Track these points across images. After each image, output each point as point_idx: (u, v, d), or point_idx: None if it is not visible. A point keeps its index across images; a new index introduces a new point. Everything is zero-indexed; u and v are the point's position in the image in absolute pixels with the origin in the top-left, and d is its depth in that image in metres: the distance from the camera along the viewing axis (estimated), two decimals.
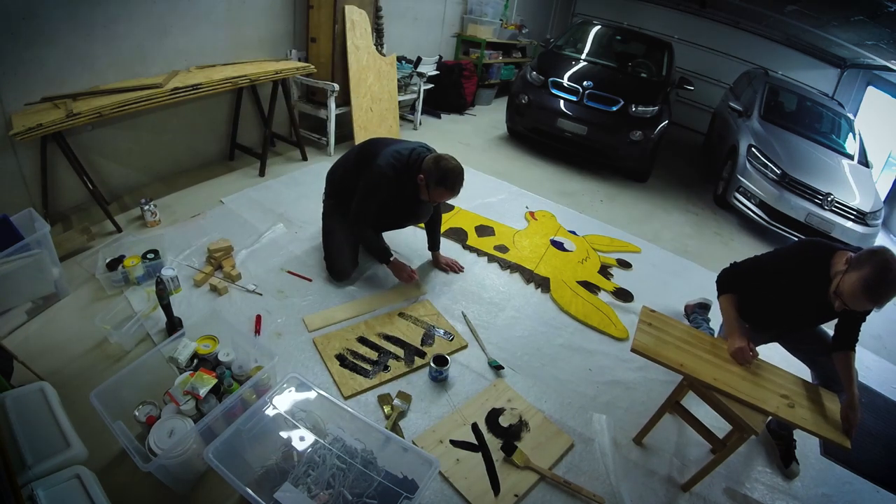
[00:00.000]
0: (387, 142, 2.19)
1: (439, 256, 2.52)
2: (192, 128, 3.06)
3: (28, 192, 2.31)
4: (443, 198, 2.06)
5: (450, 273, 2.51)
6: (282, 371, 1.71)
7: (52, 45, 2.17)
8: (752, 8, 5.48)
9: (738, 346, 1.59)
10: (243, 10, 3.04)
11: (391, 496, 1.24)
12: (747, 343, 1.60)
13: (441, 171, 1.96)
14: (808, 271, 1.61)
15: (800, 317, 1.76)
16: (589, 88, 4.11)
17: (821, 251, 1.62)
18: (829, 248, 1.61)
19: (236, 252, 2.35)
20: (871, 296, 1.38)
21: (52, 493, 1.08)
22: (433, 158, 2.01)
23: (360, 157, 2.19)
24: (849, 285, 1.42)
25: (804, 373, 1.79)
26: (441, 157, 2.01)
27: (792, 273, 1.65)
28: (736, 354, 1.59)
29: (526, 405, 1.81)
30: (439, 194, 2.03)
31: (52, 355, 1.70)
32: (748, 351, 1.58)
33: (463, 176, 2.02)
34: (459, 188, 2.03)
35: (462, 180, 2.02)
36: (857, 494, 1.79)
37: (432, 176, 1.97)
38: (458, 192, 2.04)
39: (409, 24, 4.75)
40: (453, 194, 2.04)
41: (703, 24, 6.92)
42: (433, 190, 2.01)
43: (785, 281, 1.67)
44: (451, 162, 1.99)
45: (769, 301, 1.75)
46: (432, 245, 2.50)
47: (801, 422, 1.40)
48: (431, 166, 1.98)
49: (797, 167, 3.70)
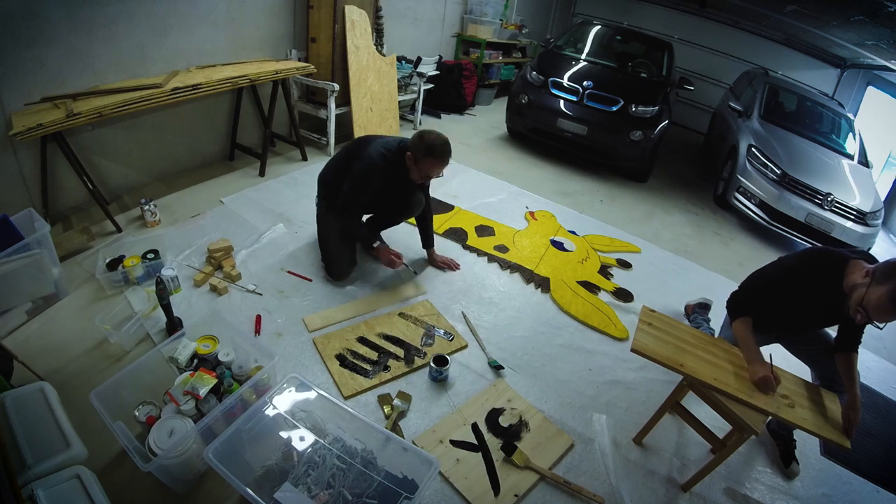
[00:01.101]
0: (375, 137, 2.22)
1: (434, 254, 2.52)
2: (192, 128, 3.06)
3: (28, 192, 2.31)
4: (433, 171, 2.06)
5: (447, 271, 2.51)
6: (282, 371, 1.71)
7: (53, 45, 2.17)
8: (752, 8, 5.47)
9: (763, 375, 1.52)
10: (243, 10, 3.04)
11: (391, 496, 1.24)
12: (770, 370, 1.54)
13: (427, 143, 1.99)
14: (818, 281, 1.58)
15: (805, 322, 1.75)
16: (589, 88, 4.11)
17: (830, 259, 1.59)
18: (841, 256, 1.58)
19: (236, 252, 2.35)
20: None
21: (52, 493, 1.08)
22: (417, 134, 2.04)
23: (351, 154, 2.20)
24: (876, 299, 1.38)
25: (804, 373, 1.79)
26: (424, 131, 2.05)
27: (800, 283, 1.62)
28: (760, 384, 1.52)
29: (526, 405, 1.81)
30: (428, 166, 2.03)
31: (52, 355, 1.70)
32: (772, 380, 1.51)
33: (449, 146, 2.04)
34: (448, 157, 2.05)
35: (449, 149, 2.04)
36: (857, 494, 1.79)
37: (419, 149, 2.00)
38: (447, 163, 2.06)
39: (409, 24, 4.76)
40: (443, 164, 2.05)
41: (703, 24, 6.92)
42: (421, 162, 2.01)
43: (793, 290, 1.64)
44: (435, 133, 2.03)
45: (774, 307, 1.71)
46: (426, 242, 2.49)
47: (802, 422, 1.40)
48: (417, 141, 2.02)
49: (797, 167, 3.70)
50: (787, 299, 1.66)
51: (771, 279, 1.71)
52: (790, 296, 1.65)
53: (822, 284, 1.57)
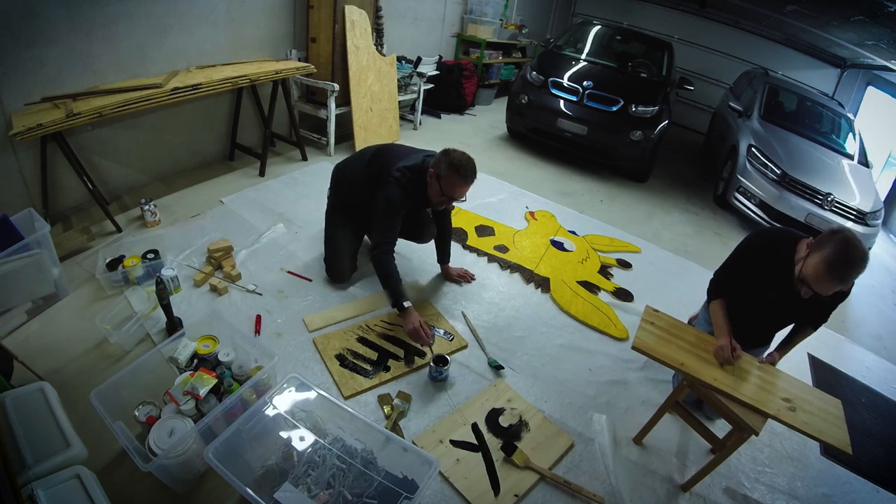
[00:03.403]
0: (395, 153, 2.10)
1: (449, 269, 2.46)
2: (192, 128, 3.06)
3: (28, 192, 2.31)
4: (455, 191, 1.91)
5: (462, 284, 2.46)
6: (282, 371, 1.71)
7: (53, 45, 2.17)
8: (752, 8, 5.47)
9: (720, 343, 1.57)
10: (243, 10, 3.04)
11: (391, 496, 1.24)
12: (730, 341, 1.58)
13: (451, 160, 1.87)
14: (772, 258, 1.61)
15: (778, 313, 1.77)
16: (589, 88, 4.10)
17: (779, 239, 1.63)
18: (790, 234, 1.62)
19: (236, 252, 2.35)
20: (835, 275, 1.37)
21: (52, 493, 1.08)
22: (442, 152, 1.93)
23: (369, 173, 2.09)
24: (812, 268, 1.41)
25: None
26: (449, 150, 1.93)
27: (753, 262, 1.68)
28: (717, 353, 1.57)
29: (526, 405, 1.81)
30: (451, 185, 1.89)
31: (52, 355, 1.70)
32: (729, 349, 1.56)
33: (475, 167, 1.91)
34: (472, 179, 1.91)
35: (475, 171, 1.91)
36: (857, 494, 1.79)
37: (442, 166, 1.88)
38: (471, 184, 1.92)
39: (409, 24, 4.76)
40: (466, 184, 1.90)
41: (703, 24, 6.92)
42: (444, 180, 1.88)
43: (747, 270, 1.69)
44: (460, 152, 1.91)
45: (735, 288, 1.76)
46: (442, 258, 2.43)
47: (803, 426, 1.40)
48: (441, 158, 1.90)
49: (797, 167, 3.70)
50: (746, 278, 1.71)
51: (730, 261, 1.79)
52: (748, 274, 1.70)
53: (775, 261, 1.60)
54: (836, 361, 2.52)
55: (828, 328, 1.80)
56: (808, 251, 1.47)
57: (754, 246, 1.72)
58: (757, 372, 1.57)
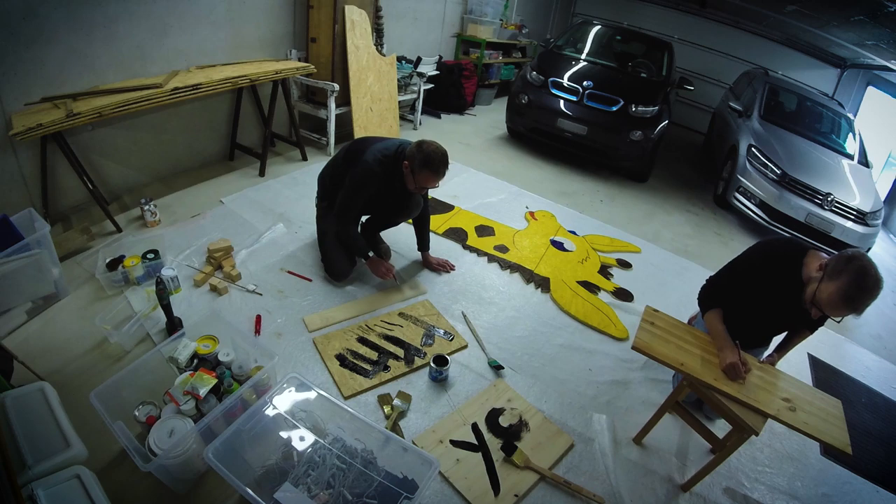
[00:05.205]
0: (374, 140, 2.20)
1: (429, 257, 2.50)
2: (192, 128, 3.06)
3: (28, 192, 2.31)
4: (428, 182, 2.04)
5: (442, 273, 2.50)
6: (282, 371, 1.72)
7: (52, 45, 2.17)
8: (752, 8, 5.48)
9: (731, 361, 1.52)
10: (243, 10, 3.04)
11: (391, 496, 1.24)
12: (739, 358, 1.54)
13: (424, 155, 1.98)
14: (778, 270, 1.60)
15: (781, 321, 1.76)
16: (589, 88, 4.11)
17: (788, 249, 1.62)
18: (798, 246, 1.61)
19: (236, 252, 2.35)
20: (851, 305, 1.37)
21: (52, 493, 1.08)
22: (416, 144, 2.03)
23: (349, 156, 2.19)
24: (827, 296, 1.40)
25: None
26: (423, 141, 2.03)
27: (760, 272, 1.65)
28: (728, 370, 1.52)
29: (526, 405, 1.81)
30: (424, 178, 2.02)
31: (52, 355, 1.70)
32: (740, 366, 1.52)
33: (447, 158, 2.03)
34: (444, 171, 2.03)
35: (446, 163, 2.02)
36: (857, 494, 1.79)
37: (416, 160, 1.99)
38: (443, 175, 2.04)
39: (409, 24, 4.75)
40: (438, 177, 2.03)
41: (703, 24, 6.93)
42: (418, 174, 2.00)
43: (754, 280, 1.67)
44: (434, 145, 2.01)
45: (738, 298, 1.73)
46: (422, 245, 2.48)
47: (803, 426, 1.40)
48: (415, 151, 2.00)
49: (797, 167, 3.70)
50: (749, 289, 1.69)
51: (736, 267, 1.75)
52: (752, 286, 1.68)
53: (783, 273, 1.58)
54: (835, 361, 2.52)
55: (827, 328, 1.80)
56: (821, 274, 1.44)
57: (758, 260, 1.68)
58: (757, 372, 1.57)
